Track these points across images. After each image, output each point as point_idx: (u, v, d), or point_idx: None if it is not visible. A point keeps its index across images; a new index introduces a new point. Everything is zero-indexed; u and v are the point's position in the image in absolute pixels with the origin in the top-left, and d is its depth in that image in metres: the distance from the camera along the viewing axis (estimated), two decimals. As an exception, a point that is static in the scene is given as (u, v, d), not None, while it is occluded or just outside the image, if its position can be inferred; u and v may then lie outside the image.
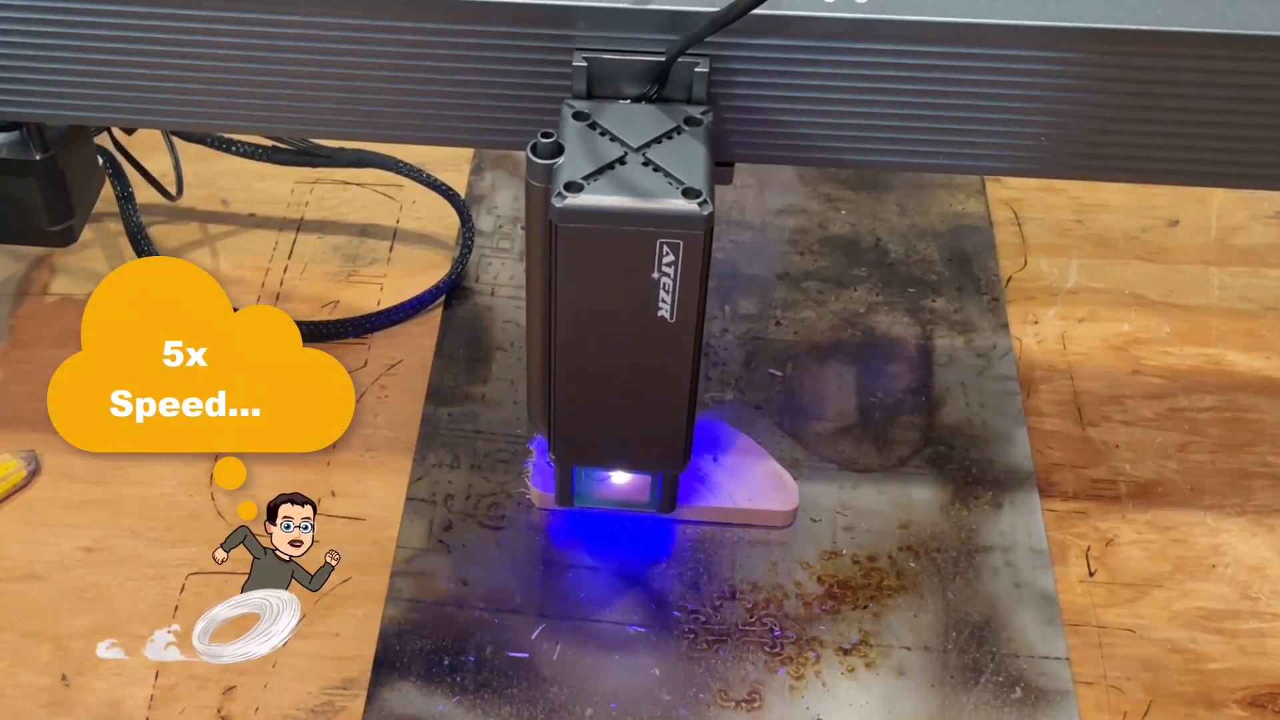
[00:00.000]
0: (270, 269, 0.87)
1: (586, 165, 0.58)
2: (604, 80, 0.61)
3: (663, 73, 0.60)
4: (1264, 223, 0.93)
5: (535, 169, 0.58)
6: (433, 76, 0.62)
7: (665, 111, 0.60)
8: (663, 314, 0.60)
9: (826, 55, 0.60)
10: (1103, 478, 0.77)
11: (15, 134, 0.70)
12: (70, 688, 0.66)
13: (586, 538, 0.72)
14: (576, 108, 0.60)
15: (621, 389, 0.63)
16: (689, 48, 0.58)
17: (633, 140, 0.59)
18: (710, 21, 0.57)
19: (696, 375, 0.63)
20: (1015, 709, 0.66)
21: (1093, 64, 0.60)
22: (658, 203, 0.56)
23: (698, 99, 0.61)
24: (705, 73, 0.60)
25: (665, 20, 0.59)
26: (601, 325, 0.61)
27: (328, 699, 0.66)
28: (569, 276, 0.59)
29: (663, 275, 0.58)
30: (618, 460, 0.69)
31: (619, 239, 0.57)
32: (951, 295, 0.86)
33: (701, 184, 0.57)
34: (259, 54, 0.63)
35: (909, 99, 0.62)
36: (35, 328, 0.83)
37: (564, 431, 0.66)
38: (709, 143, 0.59)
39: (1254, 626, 0.70)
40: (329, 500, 0.74)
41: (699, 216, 0.56)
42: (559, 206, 0.57)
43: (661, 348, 0.61)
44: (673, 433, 0.66)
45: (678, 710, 0.66)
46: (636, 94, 0.61)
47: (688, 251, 0.57)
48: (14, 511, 0.73)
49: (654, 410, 0.64)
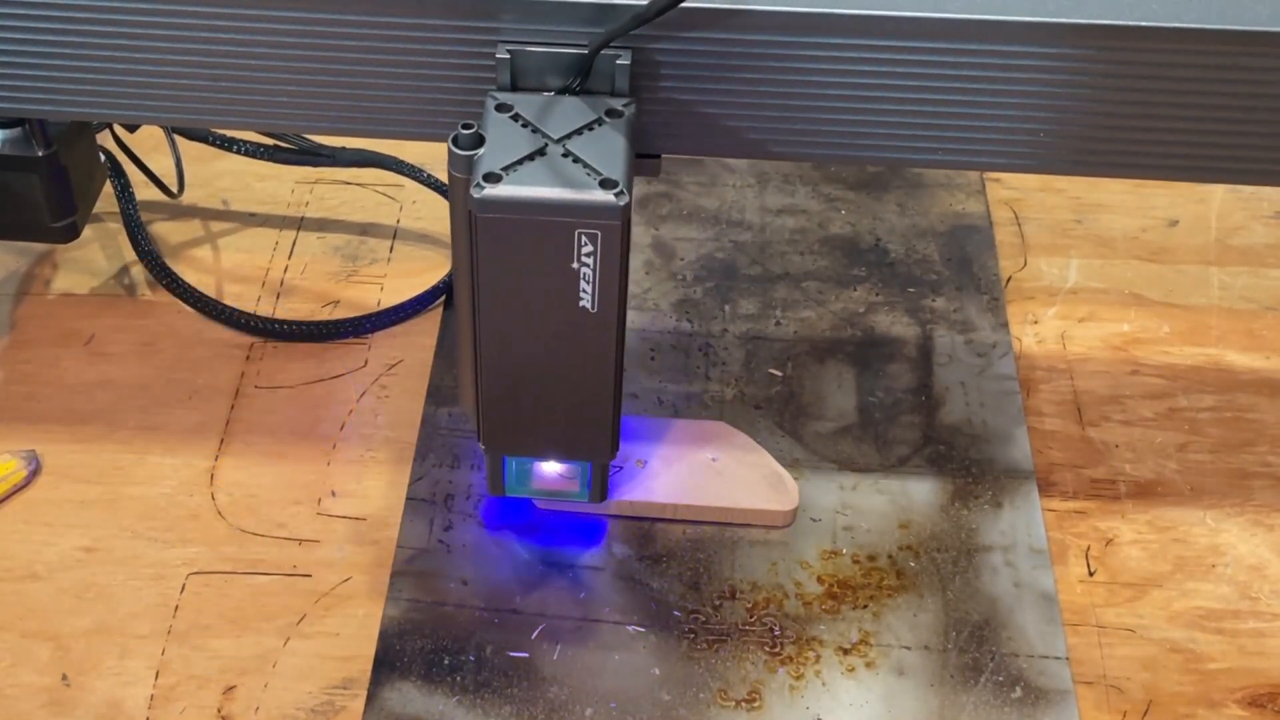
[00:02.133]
0: (270, 268, 0.87)
1: (507, 156, 0.58)
2: (528, 72, 0.61)
3: (586, 65, 0.60)
4: (1264, 223, 0.93)
5: (456, 160, 0.58)
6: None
7: (588, 104, 0.61)
8: (584, 304, 0.60)
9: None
10: (1103, 478, 0.77)
11: (18, 130, 0.70)
12: (70, 688, 0.66)
13: (587, 538, 0.72)
14: (499, 99, 0.61)
15: (547, 379, 0.64)
16: (611, 41, 0.59)
17: (554, 132, 0.59)
18: (632, 17, 0.57)
19: (620, 365, 0.64)
20: (1015, 709, 0.66)
21: (1090, 60, 0.60)
22: (575, 193, 0.57)
23: (620, 91, 0.61)
24: (627, 65, 0.60)
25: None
26: (524, 315, 0.61)
27: (328, 699, 0.66)
28: (490, 266, 0.59)
29: (583, 265, 0.59)
30: (546, 449, 0.69)
31: (538, 229, 0.58)
32: (951, 295, 0.86)
33: (619, 175, 0.57)
34: (263, 51, 0.63)
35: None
36: (36, 327, 0.83)
37: (492, 421, 0.66)
38: (630, 134, 0.60)
39: (1254, 626, 0.70)
40: (329, 500, 0.74)
41: (615, 207, 0.57)
42: (478, 197, 0.57)
43: (585, 337, 0.62)
44: (599, 422, 0.66)
45: (678, 710, 0.66)
46: (560, 86, 0.61)
47: (606, 241, 0.58)
48: (14, 511, 0.73)
49: (580, 400, 0.65)
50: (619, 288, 0.60)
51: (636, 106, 0.61)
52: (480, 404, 0.66)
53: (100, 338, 0.82)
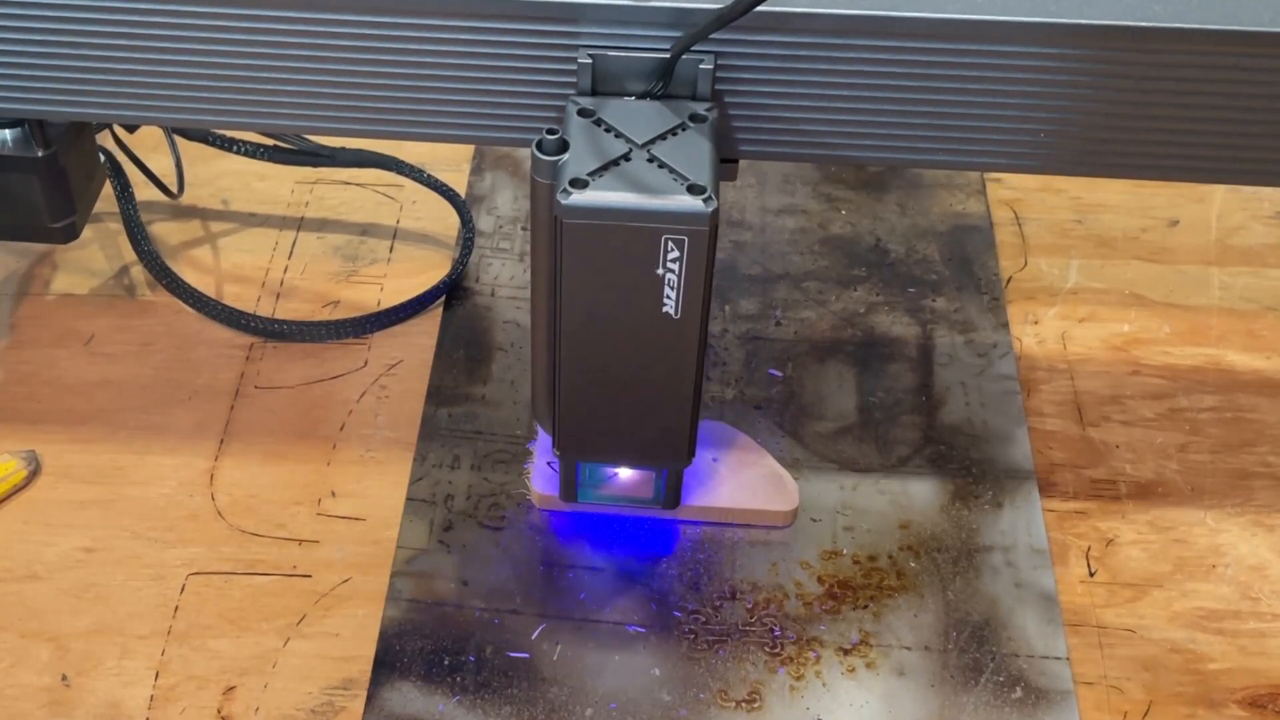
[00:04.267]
0: (270, 269, 0.87)
1: (592, 162, 0.58)
2: (609, 77, 0.61)
3: (667, 69, 0.60)
4: (1264, 223, 0.93)
5: (541, 165, 0.58)
6: (438, 73, 0.63)
7: (670, 108, 0.60)
8: (667, 310, 0.60)
9: (831, 52, 0.61)
10: (1103, 478, 0.77)
11: (17, 130, 0.70)
12: (70, 688, 0.66)
13: (587, 537, 0.72)
14: (581, 105, 0.60)
15: (626, 385, 0.63)
16: (693, 45, 0.59)
17: (638, 137, 0.59)
18: (715, 18, 0.57)
19: (701, 371, 0.63)
20: (1015, 709, 0.66)
21: (1093, 60, 0.60)
22: (663, 199, 0.57)
23: (703, 95, 0.61)
24: (710, 69, 0.60)
25: (670, 17, 0.60)
26: (606, 321, 0.61)
27: (328, 699, 0.66)
28: (574, 272, 0.59)
29: (668, 271, 0.58)
30: (622, 456, 0.69)
31: (624, 235, 0.57)
32: (952, 295, 0.86)
33: (706, 180, 0.57)
34: (264, 51, 0.63)
35: (911, 95, 0.62)
36: (36, 327, 0.83)
37: (569, 427, 0.66)
38: (714, 139, 0.59)
39: (1254, 626, 0.70)
40: (329, 500, 0.74)
41: (704, 213, 0.57)
42: (564, 203, 0.57)
43: (666, 344, 0.61)
44: (677, 428, 0.66)
45: (678, 710, 0.66)
46: (641, 91, 0.61)
47: (693, 247, 0.58)
48: (14, 511, 0.73)
49: (658, 406, 0.64)
50: (704, 294, 0.59)
51: (718, 111, 0.61)
52: (557, 410, 0.65)
53: (100, 338, 0.82)
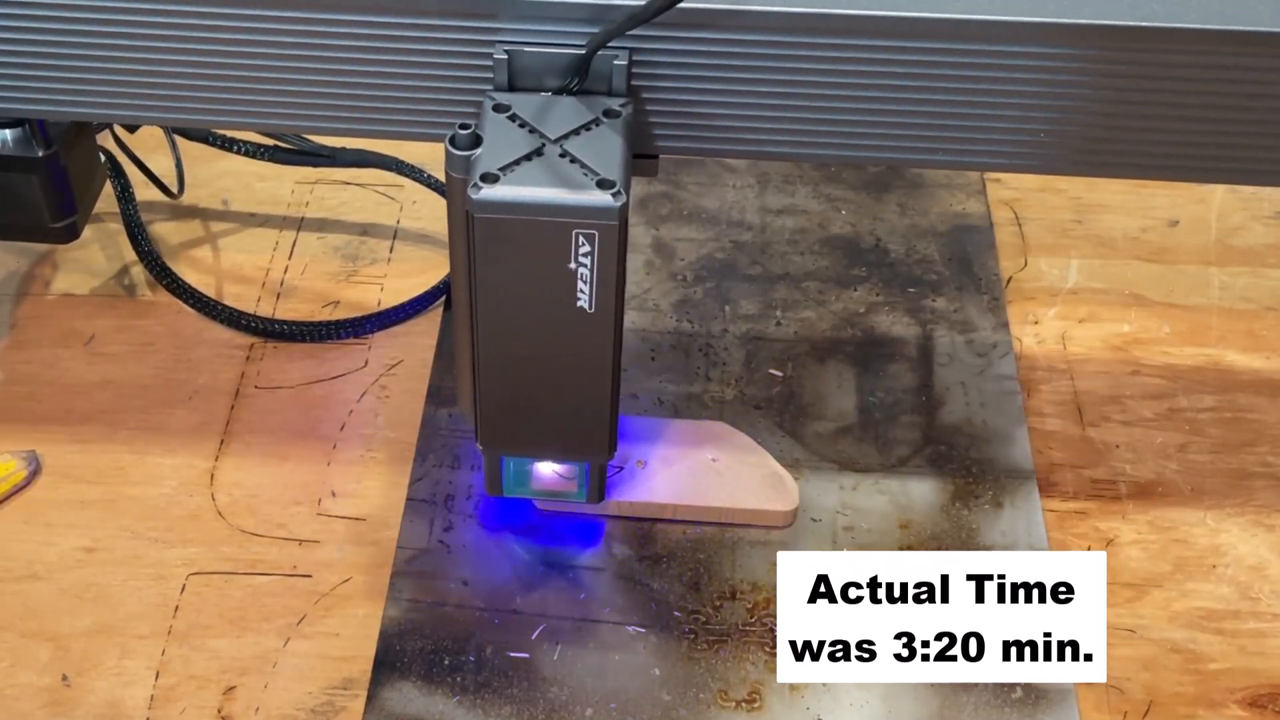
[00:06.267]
0: (270, 269, 0.87)
1: (504, 157, 0.58)
2: (525, 73, 0.61)
3: (583, 65, 0.60)
4: (1264, 223, 0.93)
5: (454, 160, 0.59)
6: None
7: (585, 104, 0.61)
8: (581, 304, 0.60)
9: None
10: (1103, 478, 0.77)
11: (18, 130, 0.70)
12: (70, 688, 0.66)
13: (587, 538, 0.72)
14: (497, 100, 0.61)
15: (544, 378, 0.64)
16: (609, 41, 0.59)
17: (551, 132, 0.59)
18: (629, 16, 0.57)
19: (618, 365, 0.64)
20: (1015, 709, 0.66)
21: (1083, 60, 0.60)
22: (572, 194, 0.57)
23: (618, 91, 0.61)
24: (625, 65, 0.60)
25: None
26: (522, 315, 0.61)
27: (328, 699, 0.66)
28: (488, 266, 0.59)
29: (580, 265, 0.59)
30: (544, 449, 0.69)
31: (535, 229, 0.58)
32: (951, 295, 0.86)
33: (617, 175, 0.58)
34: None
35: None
36: (36, 327, 0.83)
37: (489, 420, 0.66)
38: (627, 135, 0.60)
39: (1254, 626, 0.70)
40: (329, 500, 0.74)
41: (613, 208, 0.57)
42: (475, 198, 0.57)
43: (582, 337, 0.62)
44: (597, 422, 0.66)
45: (678, 710, 0.66)
46: (558, 86, 0.61)
47: (603, 242, 0.58)
48: (14, 511, 0.73)
49: (577, 399, 0.65)
50: (616, 288, 0.60)
51: (634, 106, 0.61)
52: (478, 404, 0.66)
53: (100, 338, 0.82)
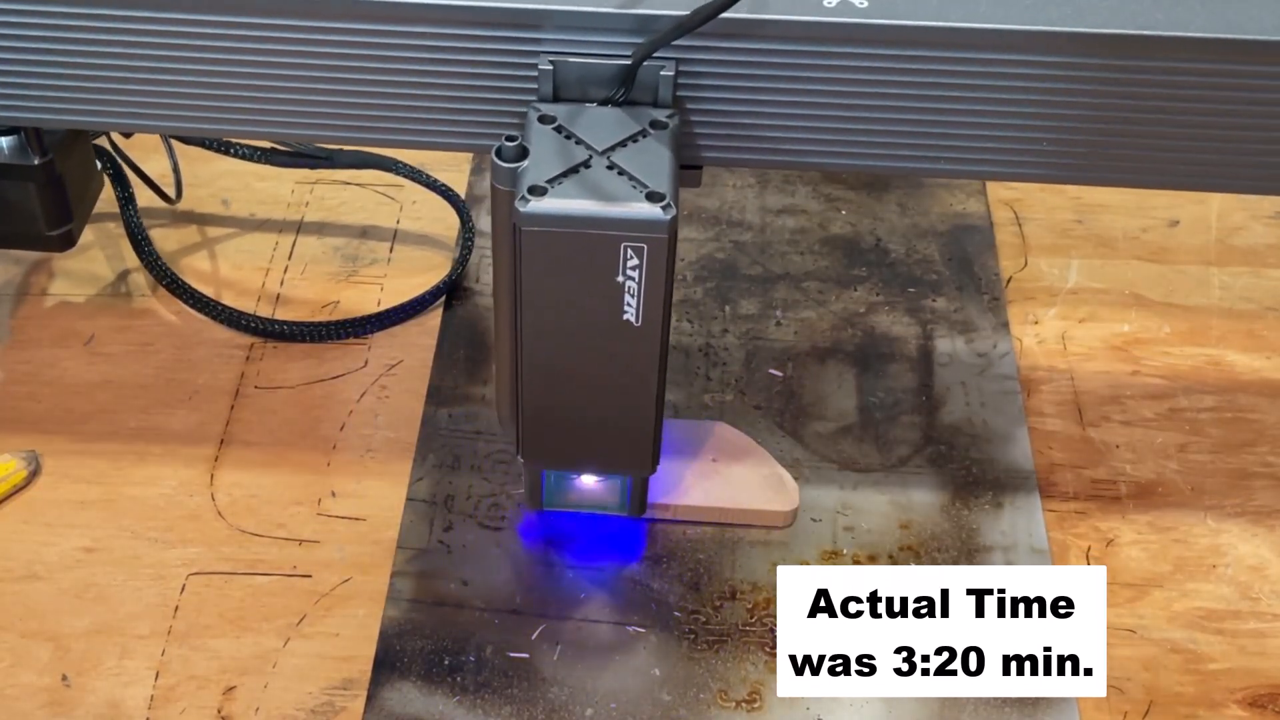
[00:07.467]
0: (270, 270, 0.87)
1: (551, 169, 0.58)
2: (571, 84, 0.61)
3: (629, 76, 0.60)
4: (1264, 223, 0.93)
5: (500, 172, 0.58)
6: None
7: (631, 115, 0.60)
8: (628, 317, 0.60)
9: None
10: (1103, 478, 0.77)
11: (14, 138, 0.70)
12: (70, 688, 0.66)
13: (587, 538, 0.72)
14: (543, 111, 0.60)
15: (588, 392, 0.63)
16: (654, 51, 0.59)
17: (598, 144, 0.59)
18: (675, 26, 0.57)
19: (663, 378, 0.63)
20: (1015, 709, 0.66)
21: (1085, 69, 0.60)
22: (621, 206, 0.57)
23: (664, 102, 0.61)
24: (671, 76, 0.60)
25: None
26: (567, 328, 0.61)
27: (328, 699, 0.66)
28: (534, 279, 0.59)
29: (627, 279, 0.58)
30: (586, 463, 0.69)
31: (583, 242, 0.57)
32: (952, 295, 0.86)
33: (665, 187, 0.57)
34: (231, 58, 0.62)
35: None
36: (35, 328, 0.83)
37: (531, 434, 0.66)
38: (674, 146, 0.59)
39: (1254, 627, 0.70)
40: (329, 500, 0.74)
41: (663, 220, 0.56)
42: (523, 210, 0.57)
43: (627, 351, 0.61)
44: (641, 435, 0.65)
45: (678, 711, 0.66)
46: (603, 97, 0.61)
47: (652, 255, 0.57)
48: (14, 511, 0.73)
49: (621, 413, 0.64)
50: (664, 301, 0.59)
51: (680, 117, 0.61)
52: (520, 416, 0.65)
53: (100, 338, 0.82)
